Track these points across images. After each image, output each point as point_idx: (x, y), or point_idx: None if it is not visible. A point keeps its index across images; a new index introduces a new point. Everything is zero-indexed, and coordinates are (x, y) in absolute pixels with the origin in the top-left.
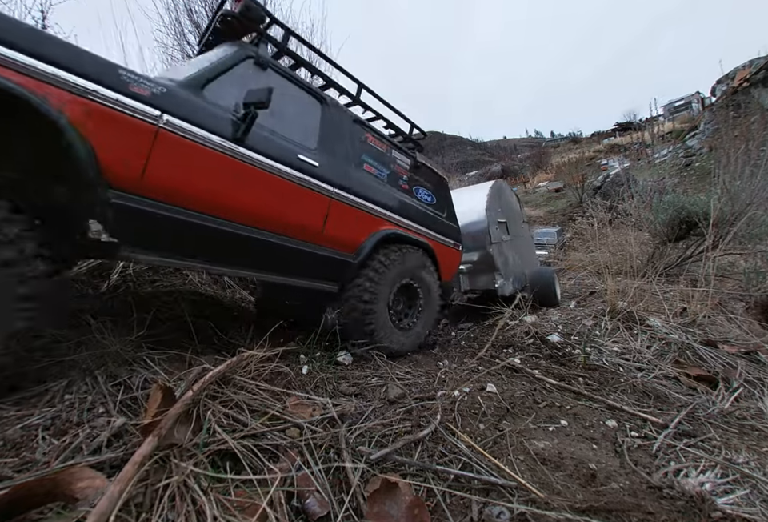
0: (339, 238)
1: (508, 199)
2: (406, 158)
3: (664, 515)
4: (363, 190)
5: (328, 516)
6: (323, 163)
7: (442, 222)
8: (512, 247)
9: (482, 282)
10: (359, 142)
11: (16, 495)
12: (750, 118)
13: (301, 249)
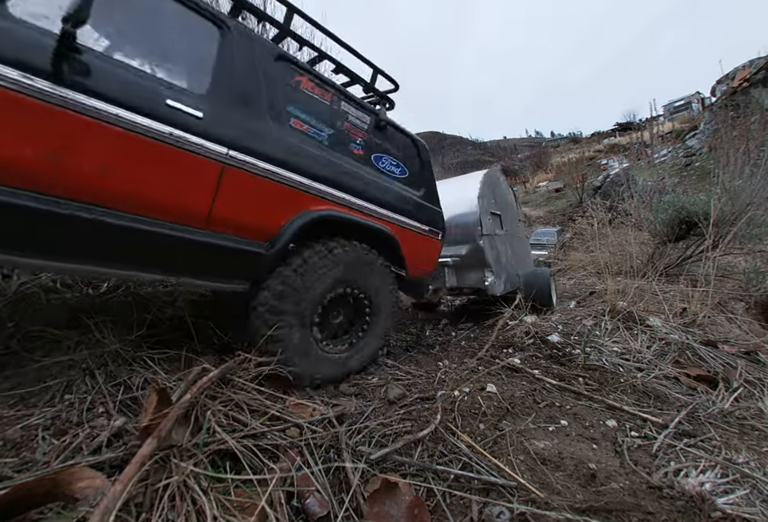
0: (238, 221)
1: (503, 191)
2: (364, 115)
3: (664, 515)
4: (283, 155)
5: (328, 516)
6: (213, 115)
7: (416, 202)
8: (506, 244)
9: (471, 279)
10: (284, 88)
11: (16, 495)
12: (749, 118)
13: (174, 235)
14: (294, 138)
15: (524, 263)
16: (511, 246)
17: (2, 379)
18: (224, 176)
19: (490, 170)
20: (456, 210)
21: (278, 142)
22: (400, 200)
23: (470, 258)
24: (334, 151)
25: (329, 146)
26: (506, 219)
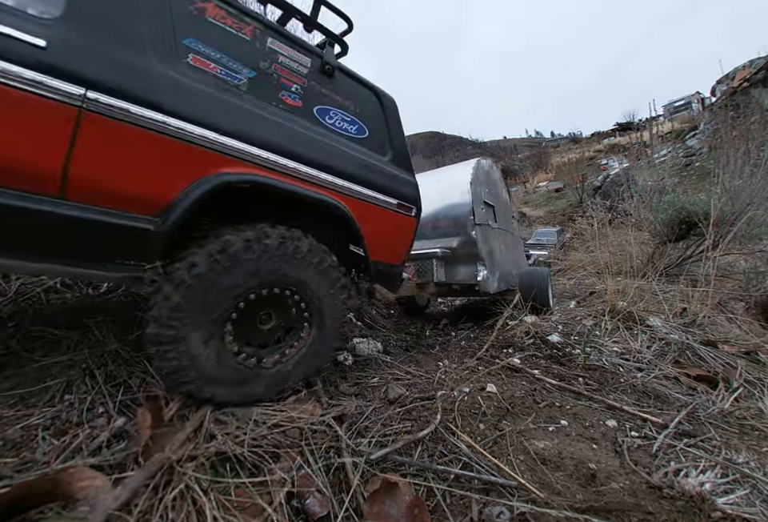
0: (108, 187)
1: (496, 182)
2: (304, 57)
3: (664, 515)
4: (173, 99)
5: (328, 516)
6: (65, 44)
7: (380, 169)
8: (500, 239)
9: (462, 274)
10: (178, 15)
11: (16, 495)
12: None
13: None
14: (190, 79)
15: (519, 262)
16: (505, 243)
17: (2, 379)
18: (82, 125)
19: (482, 158)
20: (446, 201)
21: (164, 81)
22: (356, 166)
23: (461, 250)
24: (256, 99)
25: (249, 93)
26: (500, 213)
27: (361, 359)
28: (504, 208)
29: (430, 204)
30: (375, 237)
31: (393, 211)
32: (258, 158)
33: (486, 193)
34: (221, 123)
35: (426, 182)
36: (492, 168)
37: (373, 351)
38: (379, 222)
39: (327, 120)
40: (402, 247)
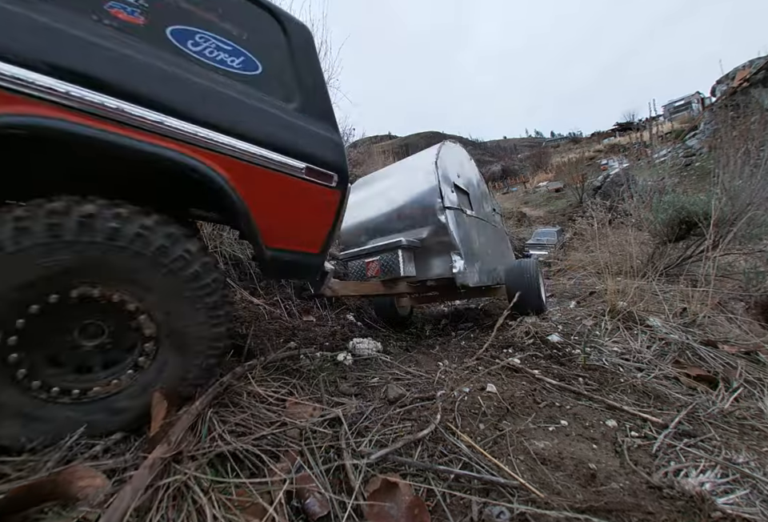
0: None
1: (470, 169)
2: None
3: (664, 515)
4: None
5: (328, 516)
6: None
7: (279, 120)
8: (478, 228)
9: (437, 267)
10: None
11: (16, 495)
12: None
13: None
14: None
15: (505, 258)
16: (485, 234)
17: None
18: None
19: (450, 141)
20: (410, 187)
21: None
22: (236, 112)
23: (433, 240)
24: (60, 10)
25: (48, 1)
26: (476, 201)
27: (361, 359)
28: (480, 197)
29: (395, 195)
30: (271, 215)
31: (300, 179)
32: (53, 92)
33: (456, 176)
34: None
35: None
36: (463, 153)
37: (373, 351)
38: (276, 194)
39: (190, 47)
40: (319, 230)
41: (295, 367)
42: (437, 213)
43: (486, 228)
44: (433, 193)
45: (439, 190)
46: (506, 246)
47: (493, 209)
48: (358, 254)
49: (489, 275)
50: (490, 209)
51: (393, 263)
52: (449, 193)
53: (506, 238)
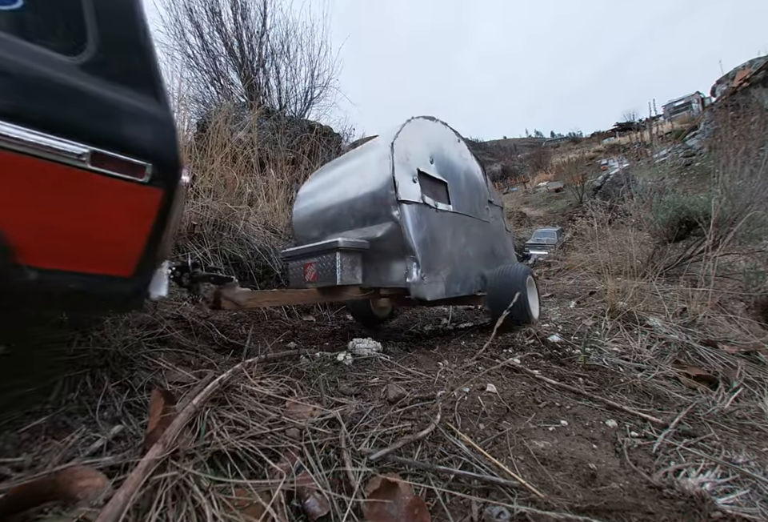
0: None
1: (451, 153)
2: None
3: (664, 515)
4: None
5: (328, 516)
6: None
7: (34, 72)
8: (457, 227)
9: (392, 274)
10: None
11: (16, 495)
12: (749, 118)
13: None
14: None
15: (498, 259)
16: (468, 234)
17: (2, 378)
18: None
19: (424, 117)
20: (360, 179)
21: None
22: None
23: (388, 241)
24: None
25: None
26: (458, 193)
27: (361, 359)
28: (467, 188)
29: (346, 183)
30: (32, 219)
31: (81, 170)
32: None
33: (424, 160)
34: None
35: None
36: (443, 132)
37: (372, 351)
38: (38, 190)
39: None
40: (126, 244)
41: (295, 367)
42: (389, 208)
43: (472, 226)
44: (385, 183)
45: (392, 180)
46: (502, 245)
47: (489, 201)
48: (295, 253)
49: (466, 284)
50: (483, 202)
51: (330, 267)
52: (407, 183)
53: (505, 236)
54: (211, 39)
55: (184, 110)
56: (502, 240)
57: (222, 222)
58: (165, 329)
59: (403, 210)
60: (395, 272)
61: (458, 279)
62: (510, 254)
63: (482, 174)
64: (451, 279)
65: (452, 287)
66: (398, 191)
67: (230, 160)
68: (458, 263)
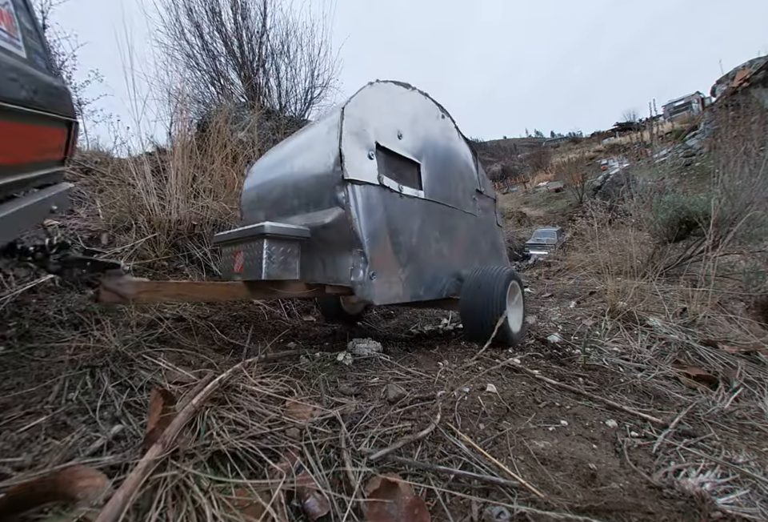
0: None
1: (428, 128)
2: None
3: (664, 515)
4: None
5: (328, 516)
6: None
7: None
8: (429, 218)
9: (339, 270)
10: None
11: (16, 495)
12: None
13: None
14: None
15: (480, 259)
16: (445, 227)
17: (2, 378)
18: None
19: (394, 82)
20: (307, 152)
21: None
22: None
23: (333, 229)
24: None
25: None
26: (436, 177)
27: (361, 359)
28: (450, 172)
29: (294, 158)
30: None
31: None
32: None
33: (389, 133)
34: None
35: (306, 129)
36: (420, 102)
37: (372, 351)
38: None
39: None
40: None
41: (295, 367)
42: (334, 189)
43: (451, 218)
44: (330, 157)
45: (339, 153)
46: (490, 242)
47: (479, 191)
48: (226, 238)
49: (435, 286)
50: (469, 191)
51: (256, 257)
52: (360, 159)
53: (496, 233)
54: (211, 39)
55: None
56: (491, 236)
57: (222, 222)
58: (165, 329)
59: (352, 191)
60: (341, 268)
61: (424, 280)
62: (500, 253)
63: (473, 160)
64: (414, 279)
65: (415, 290)
66: (345, 168)
67: (230, 160)
68: (426, 260)
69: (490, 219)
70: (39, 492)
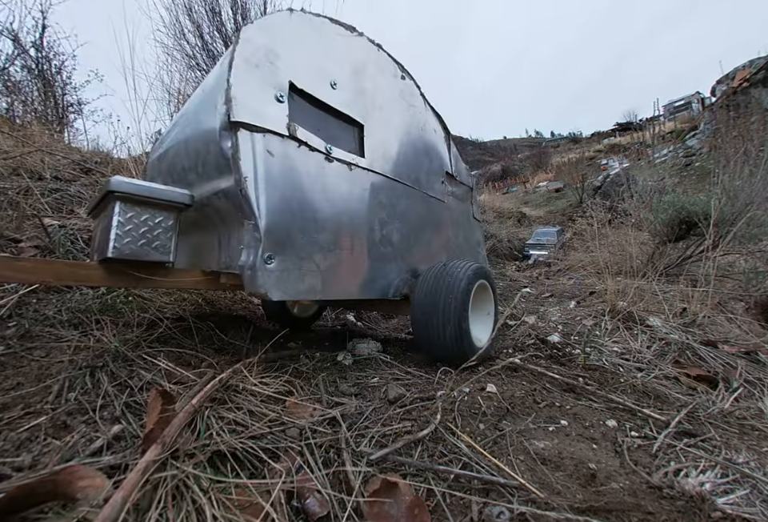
0: None
1: (377, 81)
2: None
3: (664, 515)
4: None
5: (328, 516)
6: None
7: None
8: (372, 194)
9: (233, 252)
10: None
11: (16, 495)
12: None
13: None
14: None
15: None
16: (397, 209)
17: (2, 378)
18: None
19: (332, 20)
20: (197, 99)
21: None
22: None
23: (230, 199)
24: None
25: None
26: (387, 146)
27: (361, 358)
28: (409, 144)
29: (190, 107)
30: None
31: None
32: None
33: (317, 77)
34: None
35: None
36: (363, 48)
37: (372, 351)
38: None
39: None
40: None
41: (295, 367)
42: (219, 135)
43: (404, 199)
44: (219, 96)
45: (227, 85)
46: (463, 236)
47: (449, 175)
48: (90, 209)
49: (375, 282)
50: (435, 172)
51: (106, 228)
52: (260, 98)
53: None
54: (211, 39)
55: None
56: (465, 230)
57: None
58: (164, 329)
59: (244, 139)
60: (234, 249)
61: (360, 273)
62: (476, 252)
63: (444, 138)
64: (344, 271)
65: (343, 285)
66: (232, 106)
67: None
68: (365, 247)
69: (465, 210)
70: (39, 492)
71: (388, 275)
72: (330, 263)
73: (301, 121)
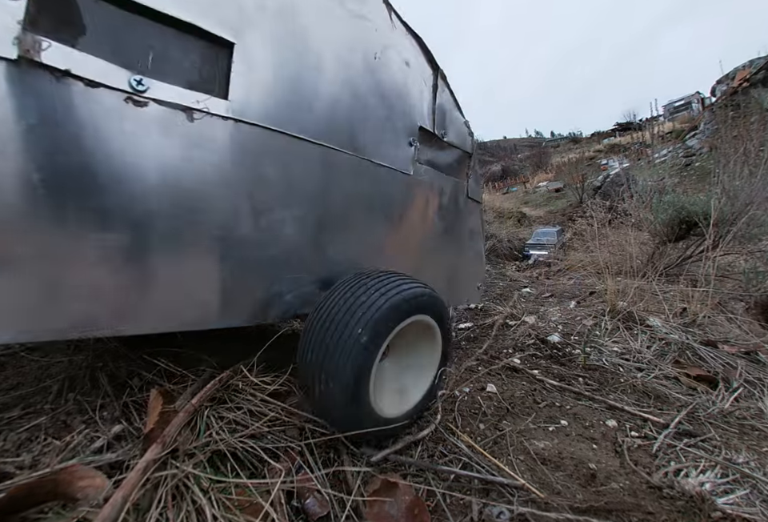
0: None
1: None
2: None
3: (664, 515)
4: None
5: (328, 516)
6: None
7: None
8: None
9: None
10: None
11: (16, 495)
12: (749, 118)
13: None
14: None
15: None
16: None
17: (2, 379)
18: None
19: None
20: None
21: None
22: None
23: None
24: None
25: None
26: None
27: None
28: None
29: None
30: None
31: None
32: None
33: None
34: None
35: None
36: None
37: None
38: None
39: None
40: None
41: (296, 367)
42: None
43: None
44: None
45: None
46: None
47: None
48: None
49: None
50: (397, 128)
51: None
52: None
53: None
54: None
55: None
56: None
57: None
58: None
59: None
60: None
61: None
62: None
63: (424, 75)
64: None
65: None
66: None
67: None
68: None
69: (453, 186)
70: (39, 492)
71: (270, 287)
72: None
73: (65, 30)
